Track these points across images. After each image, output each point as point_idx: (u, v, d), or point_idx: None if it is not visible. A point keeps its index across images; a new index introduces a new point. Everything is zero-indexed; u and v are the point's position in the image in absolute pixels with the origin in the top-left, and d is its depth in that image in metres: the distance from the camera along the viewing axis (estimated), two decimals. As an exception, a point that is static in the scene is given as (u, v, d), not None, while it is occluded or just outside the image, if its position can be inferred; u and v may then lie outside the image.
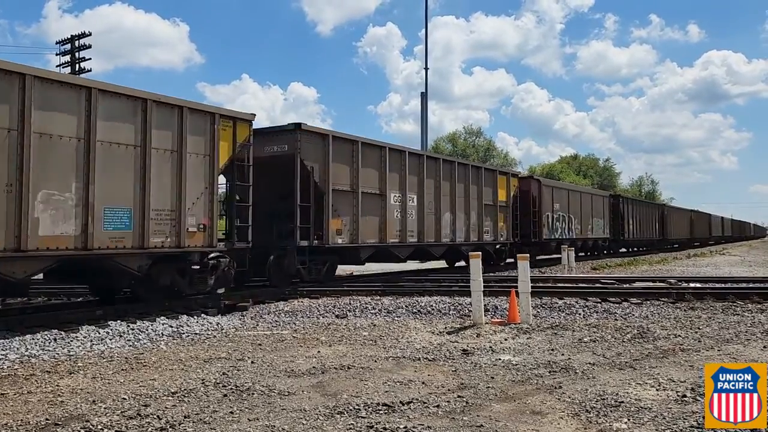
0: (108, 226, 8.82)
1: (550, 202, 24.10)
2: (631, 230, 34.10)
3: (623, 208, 32.99)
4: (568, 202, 25.98)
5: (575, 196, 27.23)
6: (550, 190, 24.60)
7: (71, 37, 34.70)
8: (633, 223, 34.40)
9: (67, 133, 8.40)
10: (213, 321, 9.56)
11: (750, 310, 10.28)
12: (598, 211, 29.85)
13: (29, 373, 6.25)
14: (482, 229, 19.20)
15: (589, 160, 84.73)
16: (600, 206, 30.31)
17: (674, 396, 5.10)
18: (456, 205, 17.96)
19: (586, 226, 27.80)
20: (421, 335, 8.36)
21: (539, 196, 23.12)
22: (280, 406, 4.90)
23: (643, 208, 38.15)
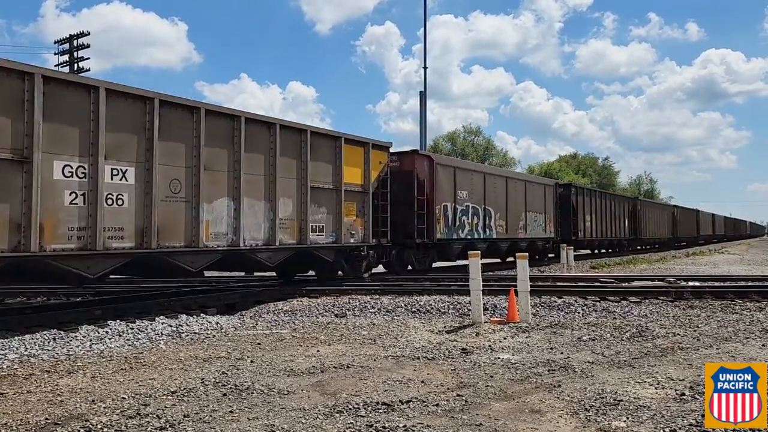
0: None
1: (451, 189, 17.68)
2: (589, 228, 28.30)
3: (577, 201, 26.77)
4: (484, 191, 19.36)
5: (495, 182, 20.45)
6: (450, 172, 17.87)
7: (69, 37, 34.68)
8: (592, 219, 28.70)
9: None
10: (212, 320, 9.57)
11: (749, 308, 10.30)
12: (537, 205, 23.27)
13: (29, 372, 6.25)
14: (307, 224, 12.24)
15: (588, 159, 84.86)
16: (540, 198, 23.59)
17: (673, 394, 5.11)
18: (241, 188, 10.88)
19: (515, 223, 21.38)
20: (421, 334, 8.36)
21: (431, 180, 16.58)
22: (280, 405, 4.90)
23: (607, 201, 31.61)
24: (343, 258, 13.63)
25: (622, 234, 33.69)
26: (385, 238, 14.98)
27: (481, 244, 18.83)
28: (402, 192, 16.01)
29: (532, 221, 22.81)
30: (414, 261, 16.69)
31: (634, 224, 35.79)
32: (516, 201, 21.63)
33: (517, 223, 21.70)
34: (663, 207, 48.01)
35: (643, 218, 37.46)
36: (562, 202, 25.98)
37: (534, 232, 22.90)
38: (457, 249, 17.96)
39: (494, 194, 20.21)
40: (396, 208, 15.60)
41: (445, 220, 17.38)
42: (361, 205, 13.92)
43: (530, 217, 22.66)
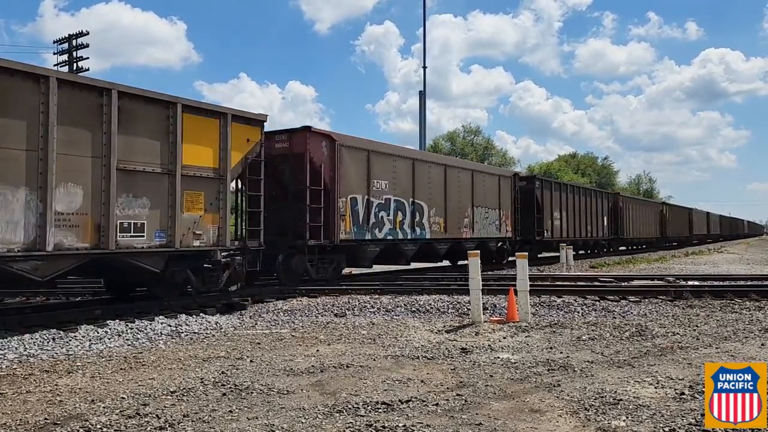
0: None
1: (363, 178, 14.39)
2: (558, 227, 25.18)
3: (542, 196, 23.76)
4: (413, 181, 16.04)
5: (430, 171, 16.98)
6: (362, 157, 14.36)
7: (69, 36, 34.66)
8: (562, 217, 25.66)
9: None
10: (212, 320, 9.56)
11: (748, 307, 10.30)
12: (490, 199, 20.12)
13: (28, 372, 6.24)
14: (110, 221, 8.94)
15: (587, 159, 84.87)
16: (493, 191, 20.37)
17: (672, 394, 5.11)
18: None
19: (458, 220, 18.14)
20: (420, 334, 8.36)
21: (333, 166, 13.34)
22: (279, 405, 4.90)
23: (581, 196, 28.33)
24: (187, 267, 10.27)
25: (600, 233, 30.52)
26: (256, 239, 11.57)
27: (409, 245, 15.86)
28: (293, 180, 13.10)
29: (482, 219, 19.39)
30: (310, 269, 13.26)
31: (615, 223, 32.78)
32: (459, 194, 18.17)
33: (460, 220, 18.18)
34: (650, 204, 43.75)
35: (626, 216, 34.28)
36: (524, 197, 22.63)
37: (485, 231, 19.52)
38: (373, 252, 14.73)
39: (428, 186, 16.60)
40: (280, 201, 13.10)
41: (354, 216, 13.91)
42: (214, 196, 10.43)
43: (479, 214, 19.18)
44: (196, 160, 10.19)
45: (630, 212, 35.18)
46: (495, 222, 20.35)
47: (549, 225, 24.13)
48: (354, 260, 14.68)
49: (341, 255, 14.18)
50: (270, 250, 12.29)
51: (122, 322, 8.82)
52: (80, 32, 34.69)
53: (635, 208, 37.00)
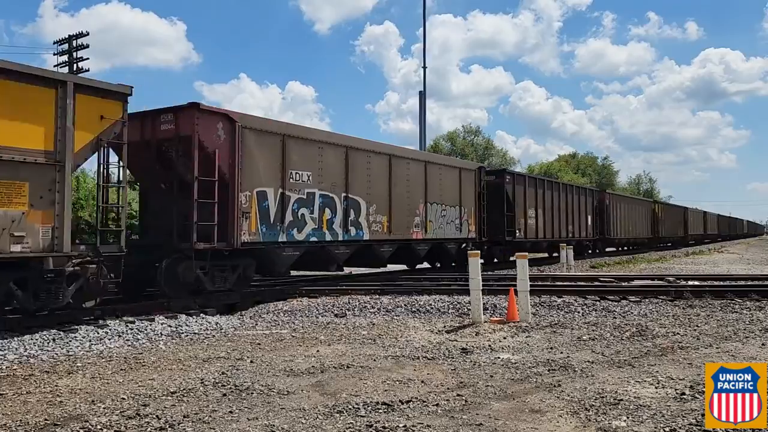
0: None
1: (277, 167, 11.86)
2: (534, 227, 22.53)
3: (514, 192, 21.14)
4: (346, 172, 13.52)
5: (370, 161, 14.37)
6: (275, 143, 11.87)
7: (69, 37, 34.65)
8: (538, 215, 22.94)
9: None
10: (212, 320, 9.56)
11: (748, 307, 10.30)
12: (449, 195, 17.44)
13: (28, 373, 6.24)
14: None
15: (587, 159, 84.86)
16: (452, 186, 17.72)
17: (673, 394, 5.11)
18: None
19: (406, 219, 15.55)
20: (420, 334, 8.36)
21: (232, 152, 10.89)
22: (280, 406, 4.90)
23: (560, 193, 25.34)
24: (8, 280, 8.08)
25: (583, 234, 27.81)
26: (116, 243, 9.34)
27: (341, 248, 13.45)
28: (180, 170, 10.74)
29: (438, 217, 16.79)
30: (203, 278, 10.69)
31: (601, 222, 30.15)
32: (409, 189, 15.64)
33: (409, 219, 15.61)
34: (640, 202, 40.27)
35: (613, 215, 31.58)
36: (493, 193, 20.04)
37: (441, 231, 16.87)
38: (290, 257, 12.21)
39: (367, 178, 14.19)
40: (169, 195, 10.93)
41: (263, 214, 11.37)
42: (45, 188, 8.10)
43: (434, 212, 16.62)
44: (15, 140, 7.85)
45: (618, 211, 32.64)
46: (455, 221, 17.65)
47: (522, 224, 21.60)
48: (265, 266, 12.13)
49: (247, 260, 11.55)
50: (158, 255, 10.51)
51: (122, 323, 8.82)
52: (80, 33, 34.68)
53: (623, 206, 34.20)
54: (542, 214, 23.47)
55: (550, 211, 24.24)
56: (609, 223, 30.77)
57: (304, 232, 12.39)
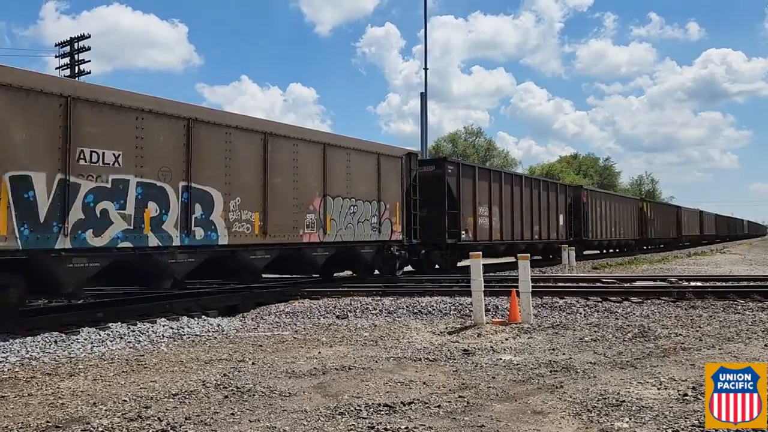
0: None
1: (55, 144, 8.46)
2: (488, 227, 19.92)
3: (460, 187, 18.36)
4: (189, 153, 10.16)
5: (236, 140, 11.08)
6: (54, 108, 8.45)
7: (70, 40, 34.75)
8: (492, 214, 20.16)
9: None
10: (213, 322, 9.56)
11: (751, 308, 10.28)
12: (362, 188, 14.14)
13: (30, 375, 6.24)
14: None
15: (589, 160, 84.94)
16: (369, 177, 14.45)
17: (675, 395, 5.10)
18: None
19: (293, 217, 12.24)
20: (422, 335, 8.35)
21: None
22: (281, 407, 4.89)
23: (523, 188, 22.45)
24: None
25: (554, 235, 24.88)
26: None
27: (179, 256, 10.02)
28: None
29: (346, 214, 13.49)
30: None
31: (577, 221, 27.15)
32: (298, 178, 12.19)
33: (298, 217, 12.18)
34: (625, 200, 36.64)
35: (592, 214, 28.65)
36: (429, 186, 17.05)
37: (350, 232, 13.56)
38: (86, 270, 8.79)
39: (224, 162, 10.82)
40: None
41: (24, 209, 8.07)
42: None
43: (338, 208, 13.29)
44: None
45: (598, 209, 29.64)
46: (370, 219, 14.26)
47: (470, 224, 18.87)
48: (40, 284, 8.81)
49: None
50: None
51: (124, 325, 8.83)
52: (82, 35, 34.81)
53: (605, 204, 31.10)
54: (499, 212, 20.49)
55: (509, 208, 21.22)
56: (587, 223, 27.89)
57: (107, 235, 8.94)
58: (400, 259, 15.60)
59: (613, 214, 32.30)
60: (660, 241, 42.37)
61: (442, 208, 17.75)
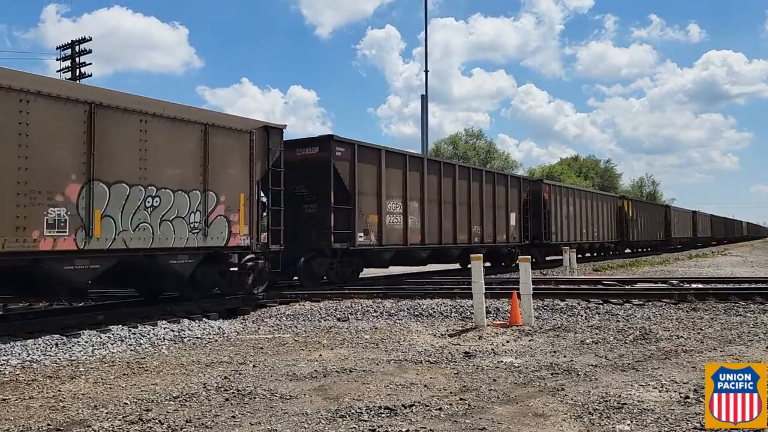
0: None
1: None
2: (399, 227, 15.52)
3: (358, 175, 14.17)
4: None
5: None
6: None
7: (72, 42, 34.80)
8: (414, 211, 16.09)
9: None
10: (214, 325, 9.56)
11: (752, 310, 10.26)
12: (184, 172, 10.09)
13: (31, 378, 6.24)
14: None
15: (589, 162, 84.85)
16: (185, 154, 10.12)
17: (677, 397, 5.09)
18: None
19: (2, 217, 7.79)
20: (423, 338, 8.34)
21: None
22: (282, 410, 4.89)
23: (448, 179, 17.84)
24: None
25: (501, 237, 20.56)
26: None
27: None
28: None
29: (139, 210, 9.32)
30: None
31: (537, 221, 23.24)
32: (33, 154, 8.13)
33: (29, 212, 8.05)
34: (600, 197, 31.32)
35: (555, 212, 24.35)
36: (304, 173, 13.52)
37: (146, 235, 9.40)
38: None
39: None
40: None
41: None
42: None
43: (121, 200, 9.10)
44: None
45: (564, 208, 25.35)
46: (189, 217, 10.08)
47: (373, 223, 14.62)
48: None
49: None
50: None
51: (125, 327, 8.82)
52: (83, 38, 34.84)
53: (574, 201, 26.67)
54: (419, 208, 16.29)
55: (436, 204, 17.04)
56: (549, 224, 23.84)
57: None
58: (256, 272, 11.51)
59: (585, 214, 27.94)
60: (645, 243, 38.29)
61: (327, 203, 13.60)
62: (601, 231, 30.13)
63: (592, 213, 28.94)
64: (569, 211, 25.98)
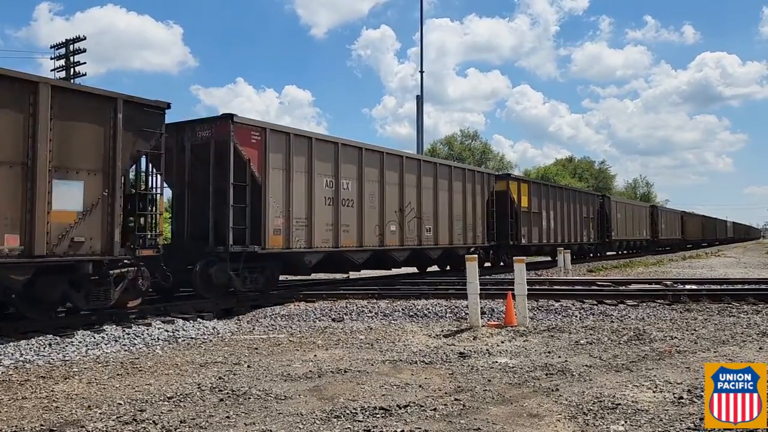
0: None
1: None
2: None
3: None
4: None
5: None
6: None
7: (66, 42, 34.67)
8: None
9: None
10: (209, 325, 9.53)
11: (746, 311, 10.31)
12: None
13: (24, 378, 6.21)
14: None
15: (584, 163, 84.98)
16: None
17: (671, 398, 5.10)
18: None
19: None
20: (418, 338, 8.34)
21: None
22: (277, 411, 4.88)
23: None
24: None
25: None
26: None
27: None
28: None
29: None
30: None
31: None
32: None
33: None
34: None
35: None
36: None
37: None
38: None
39: None
40: None
41: None
42: None
43: None
44: None
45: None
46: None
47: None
48: None
49: None
50: None
51: (119, 328, 8.79)
52: (77, 37, 34.72)
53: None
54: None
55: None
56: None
57: None
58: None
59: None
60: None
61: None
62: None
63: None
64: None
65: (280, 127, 12.30)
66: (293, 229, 12.12)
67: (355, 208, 13.88)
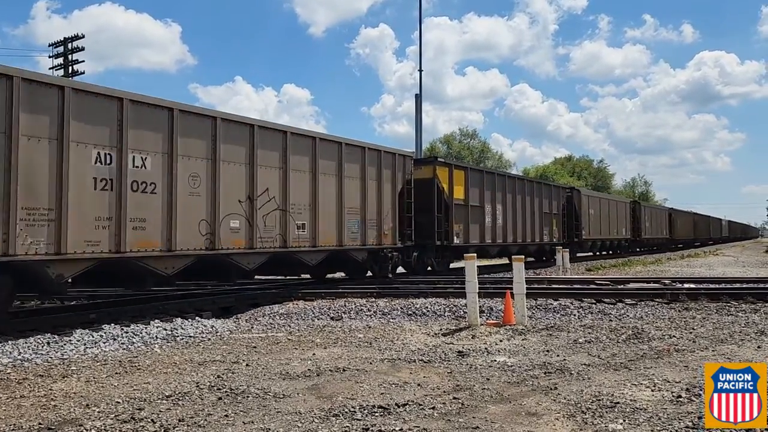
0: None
1: None
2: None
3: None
4: None
5: None
6: None
7: (64, 40, 34.63)
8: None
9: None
10: (207, 324, 9.53)
11: (744, 310, 10.32)
12: None
13: (22, 377, 6.20)
14: None
15: (582, 162, 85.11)
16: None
17: (669, 396, 5.11)
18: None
19: None
20: (417, 337, 8.34)
21: None
22: (275, 409, 4.88)
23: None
24: None
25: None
26: None
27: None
28: None
29: None
30: None
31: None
32: None
33: None
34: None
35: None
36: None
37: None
38: None
39: None
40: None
41: None
42: None
43: None
44: None
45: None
46: None
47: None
48: None
49: None
50: None
51: (117, 326, 8.78)
52: (76, 35, 34.69)
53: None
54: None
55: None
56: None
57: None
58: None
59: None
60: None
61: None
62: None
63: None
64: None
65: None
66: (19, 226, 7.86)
67: (160, 194, 9.66)
